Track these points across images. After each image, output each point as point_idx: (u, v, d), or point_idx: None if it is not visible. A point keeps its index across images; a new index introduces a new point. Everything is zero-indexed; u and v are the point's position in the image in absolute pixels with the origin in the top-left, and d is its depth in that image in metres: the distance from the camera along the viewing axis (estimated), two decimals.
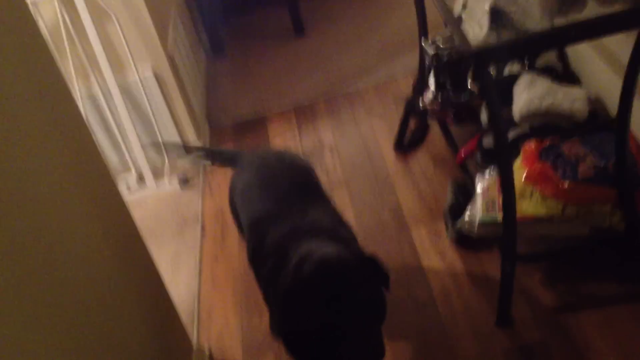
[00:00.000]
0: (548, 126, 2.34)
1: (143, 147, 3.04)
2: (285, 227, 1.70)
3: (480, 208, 2.24)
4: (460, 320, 2.14)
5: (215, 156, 2.66)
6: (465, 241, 2.36)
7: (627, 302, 2.05)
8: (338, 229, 1.73)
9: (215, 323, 2.36)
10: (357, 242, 1.78)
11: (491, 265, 2.27)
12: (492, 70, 2.64)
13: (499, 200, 2.17)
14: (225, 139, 3.44)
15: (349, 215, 2.69)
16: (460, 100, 2.64)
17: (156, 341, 1.85)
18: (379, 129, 3.18)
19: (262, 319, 2.31)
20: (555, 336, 2.01)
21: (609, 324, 2.00)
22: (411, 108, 2.96)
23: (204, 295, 2.48)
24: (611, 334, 1.97)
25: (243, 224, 1.90)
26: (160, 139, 3.09)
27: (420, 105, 2.78)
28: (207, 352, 2.22)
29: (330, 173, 2.95)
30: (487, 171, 2.35)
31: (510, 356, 1.99)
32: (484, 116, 2.55)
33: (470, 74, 2.58)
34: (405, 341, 2.11)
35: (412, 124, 3.00)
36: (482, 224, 2.21)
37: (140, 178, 3.14)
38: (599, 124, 2.33)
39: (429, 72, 2.69)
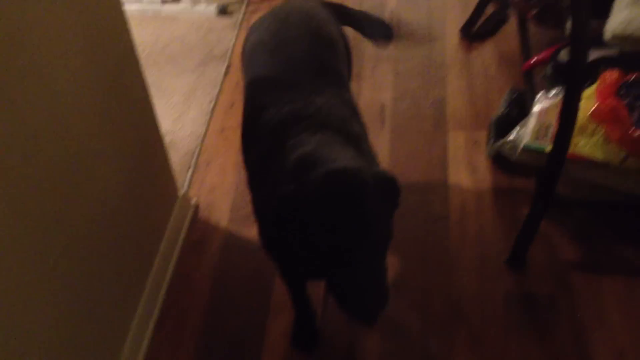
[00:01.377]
0: None
1: None
2: (288, 105, 1.42)
3: (530, 131, 1.94)
4: (469, 247, 1.91)
5: None
6: (503, 162, 2.08)
7: None
8: (350, 122, 1.45)
9: (211, 175, 2.17)
10: (368, 139, 1.51)
11: (522, 197, 2.00)
12: None
13: (554, 128, 1.86)
14: None
15: (387, 96, 2.40)
16: None
17: (136, 179, 1.70)
18: (451, 5, 2.79)
19: None
20: (566, 294, 1.78)
21: (632, 298, 1.75)
22: None
23: (207, 142, 2.28)
24: (631, 309, 1.73)
25: (244, 84, 1.64)
26: None
27: None
28: (193, 203, 2.06)
29: None
30: (553, 91, 2.02)
31: (510, 302, 1.78)
32: (569, 24, 2.16)
33: None
34: (403, 252, 1.90)
35: (488, 10, 2.61)
36: (527, 149, 1.92)
37: None
38: None
39: None
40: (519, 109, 2.13)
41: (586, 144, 1.81)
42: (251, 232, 1.98)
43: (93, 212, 1.45)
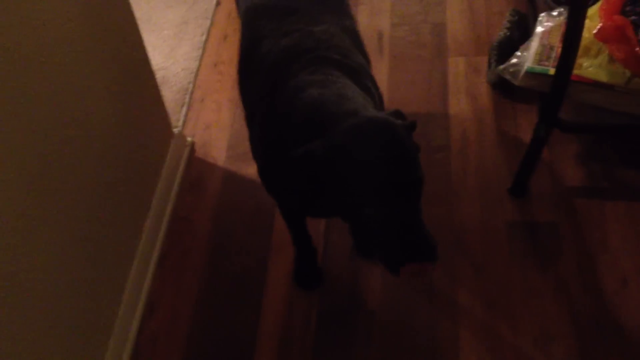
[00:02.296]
0: None
1: None
2: (285, 37, 1.36)
3: (533, 54, 1.87)
4: (471, 176, 1.88)
5: None
6: (504, 87, 2.02)
7: None
8: (351, 54, 1.38)
9: (205, 112, 2.13)
10: (370, 70, 1.45)
11: (525, 123, 1.96)
12: None
13: (557, 50, 1.80)
14: None
15: (385, 22, 2.32)
16: None
17: (129, 117, 1.66)
18: None
19: None
20: (570, 220, 1.76)
21: (635, 223, 1.73)
22: None
23: (201, 77, 2.22)
24: (634, 235, 1.71)
25: (239, 11, 1.57)
26: None
27: None
28: (188, 142, 2.02)
29: None
30: (557, 10, 1.93)
31: (513, 230, 1.76)
32: None
33: None
34: None
35: None
36: (530, 73, 1.85)
37: None
38: None
39: None
40: (520, 32, 2.06)
41: (590, 65, 1.75)
42: (249, 169, 1.95)
43: (84, 151, 1.42)
